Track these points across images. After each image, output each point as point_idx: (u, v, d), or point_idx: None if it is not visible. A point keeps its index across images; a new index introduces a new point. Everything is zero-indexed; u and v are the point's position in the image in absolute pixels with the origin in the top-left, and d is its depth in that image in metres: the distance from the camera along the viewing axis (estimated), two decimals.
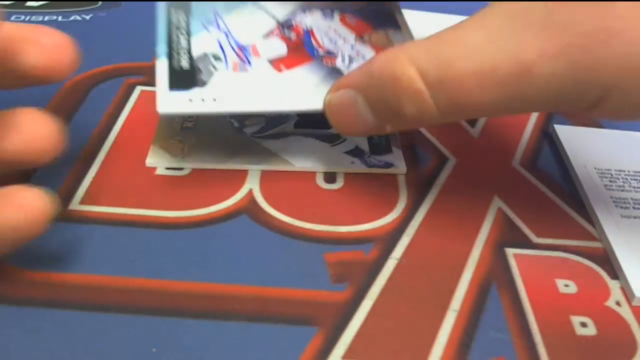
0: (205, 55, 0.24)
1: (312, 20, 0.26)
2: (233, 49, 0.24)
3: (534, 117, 0.31)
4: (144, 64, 0.32)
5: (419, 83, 0.19)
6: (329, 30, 0.26)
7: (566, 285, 0.22)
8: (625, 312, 0.22)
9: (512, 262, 0.23)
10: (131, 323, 0.19)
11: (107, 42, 0.33)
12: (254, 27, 0.26)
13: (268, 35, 0.25)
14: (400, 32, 0.26)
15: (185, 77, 0.23)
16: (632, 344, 0.20)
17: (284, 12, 0.26)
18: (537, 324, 0.21)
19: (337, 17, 0.26)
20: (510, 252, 0.23)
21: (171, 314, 0.20)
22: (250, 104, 0.23)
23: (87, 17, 0.36)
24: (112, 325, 0.19)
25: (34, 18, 0.35)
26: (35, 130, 0.20)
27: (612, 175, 0.27)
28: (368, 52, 0.25)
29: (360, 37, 0.26)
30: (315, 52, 0.25)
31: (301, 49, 0.25)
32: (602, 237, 0.24)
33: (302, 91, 0.23)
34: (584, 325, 0.21)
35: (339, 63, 0.24)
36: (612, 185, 0.26)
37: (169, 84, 0.23)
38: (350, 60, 0.25)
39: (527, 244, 0.24)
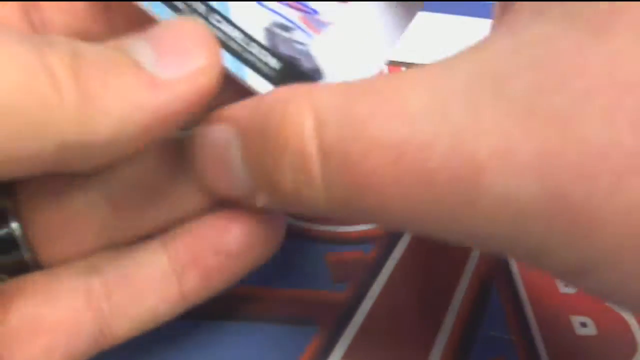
0: (271, 33, 0.18)
1: None
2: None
3: None
4: None
5: (310, 141, 0.13)
6: None
7: (566, 285, 0.22)
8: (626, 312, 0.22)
9: (512, 262, 0.23)
10: None
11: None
12: None
13: None
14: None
15: (291, 78, 0.18)
16: (632, 344, 0.20)
17: None
18: (537, 324, 0.21)
19: None
20: None
21: None
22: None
23: None
24: None
25: None
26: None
27: None
28: None
29: None
30: None
31: None
32: None
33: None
34: (583, 325, 0.21)
35: None
36: None
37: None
38: None
39: None
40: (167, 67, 0.14)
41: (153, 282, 0.16)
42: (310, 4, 0.19)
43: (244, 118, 0.15)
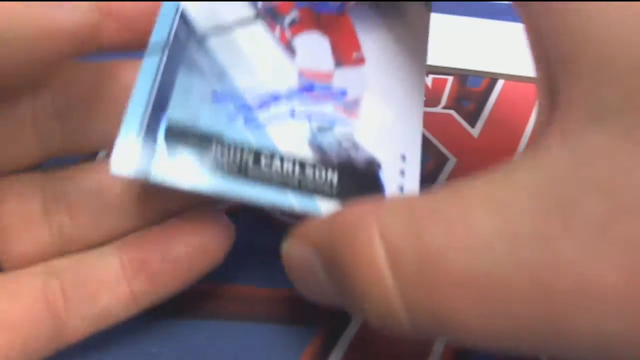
0: (316, 144, 0.18)
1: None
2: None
3: (534, 116, 0.31)
4: None
5: (385, 273, 0.13)
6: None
7: None
8: None
9: None
10: (131, 323, 0.19)
11: None
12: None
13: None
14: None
15: (352, 182, 0.18)
16: None
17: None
18: None
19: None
20: None
21: (171, 313, 0.20)
22: None
23: None
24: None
25: None
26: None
27: None
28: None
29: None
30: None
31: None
32: None
33: None
34: None
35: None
36: None
37: None
38: None
39: None
40: None
41: (106, 284, 0.17)
42: (335, 81, 0.19)
43: (320, 236, 0.15)
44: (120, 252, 0.18)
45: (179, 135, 0.17)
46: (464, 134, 0.29)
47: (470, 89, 0.31)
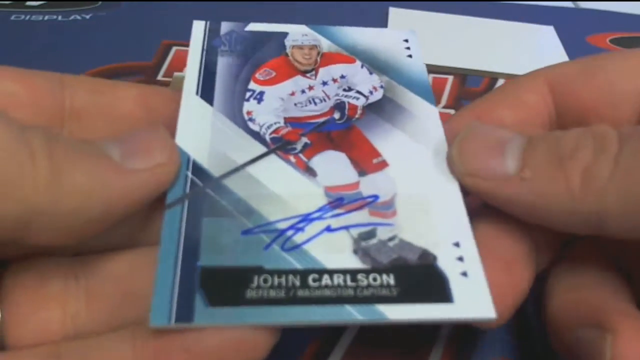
0: (363, 251, 0.17)
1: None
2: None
3: None
4: (143, 63, 0.31)
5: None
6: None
7: None
8: None
9: None
10: None
11: (107, 42, 0.33)
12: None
13: None
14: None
15: (411, 280, 0.17)
16: None
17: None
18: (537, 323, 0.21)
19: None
20: None
21: None
22: None
23: (87, 17, 0.35)
24: None
25: (34, 17, 0.35)
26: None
27: None
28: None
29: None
30: None
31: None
32: None
33: None
34: None
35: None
36: None
37: None
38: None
39: None
40: (133, 160, 0.16)
41: None
42: (363, 189, 0.18)
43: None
44: (136, 337, 0.16)
45: (215, 278, 0.16)
46: None
47: (470, 89, 0.31)
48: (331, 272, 0.16)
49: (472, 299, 0.16)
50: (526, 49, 0.36)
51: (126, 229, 0.18)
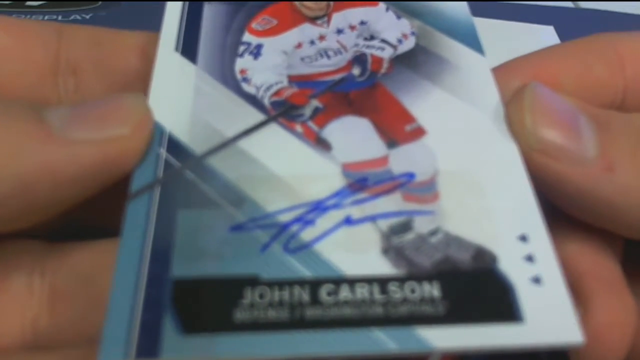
0: (396, 252, 0.13)
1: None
2: None
3: None
4: None
5: None
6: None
7: None
8: None
9: None
10: None
11: None
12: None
13: None
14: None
15: (460, 287, 0.13)
16: None
17: None
18: None
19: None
20: None
21: None
22: None
23: (87, 17, 0.35)
24: None
25: (34, 17, 0.35)
26: None
27: None
28: None
29: None
30: None
31: None
32: None
33: None
34: None
35: None
36: None
37: None
38: None
39: None
40: (79, 129, 0.13)
41: None
42: (393, 166, 0.14)
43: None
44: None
45: (192, 294, 0.12)
46: None
47: None
48: (352, 282, 0.12)
49: (549, 316, 0.11)
50: (526, 49, 0.35)
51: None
